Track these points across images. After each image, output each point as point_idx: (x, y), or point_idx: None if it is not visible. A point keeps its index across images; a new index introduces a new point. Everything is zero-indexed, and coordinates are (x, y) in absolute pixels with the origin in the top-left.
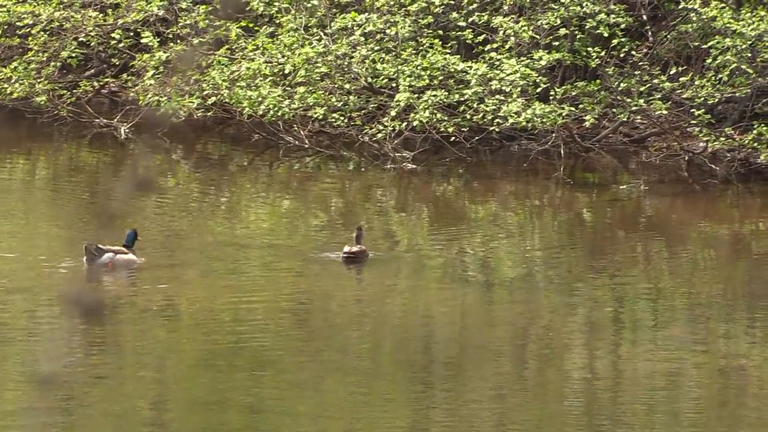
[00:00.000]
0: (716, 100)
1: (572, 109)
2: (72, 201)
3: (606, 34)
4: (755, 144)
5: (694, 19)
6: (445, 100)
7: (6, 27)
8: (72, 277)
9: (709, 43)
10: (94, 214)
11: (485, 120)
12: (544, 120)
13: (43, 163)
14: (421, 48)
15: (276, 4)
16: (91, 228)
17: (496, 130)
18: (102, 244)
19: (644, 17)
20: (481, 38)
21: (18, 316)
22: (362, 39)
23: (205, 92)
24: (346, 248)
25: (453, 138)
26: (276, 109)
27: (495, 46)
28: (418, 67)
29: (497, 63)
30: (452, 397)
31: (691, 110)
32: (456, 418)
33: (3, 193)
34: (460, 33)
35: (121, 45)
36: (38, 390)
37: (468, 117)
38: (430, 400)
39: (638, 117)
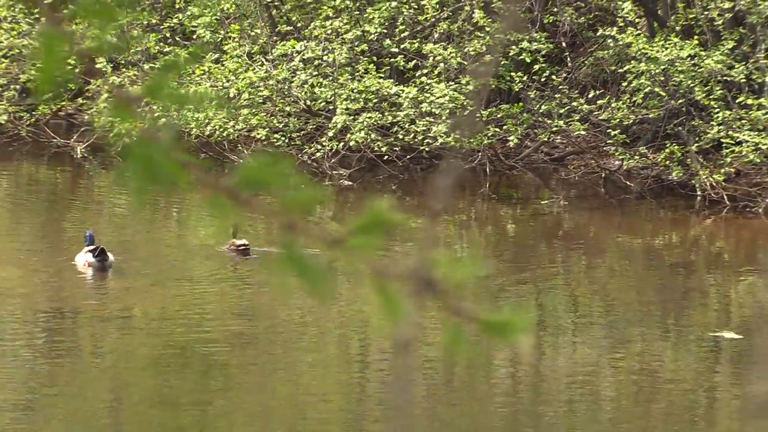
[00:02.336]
0: (631, 121)
1: (497, 129)
2: (30, 214)
3: (528, 60)
4: (667, 162)
5: (611, 45)
6: (379, 121)
7: None
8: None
9: (625, 68)
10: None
11: (416, 140)
12: (471, 140)
13: (5, 179)
14: (356, 73)
15: (221, 32)
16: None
17: (426, 149)
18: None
19: (564, 44)
20: (412, 64)
21: None
22: (301, 65)
23: (156, 114)
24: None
25: (386, 157)
26: (221, 129)
27: (425, 71)
28: (354, 91)
29: (427, 87)
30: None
31: (608, 131)
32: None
33: None
34: (392, 59)
35: (76, 70)
36: None
37: (400, 137)
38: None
39: (558, 137)
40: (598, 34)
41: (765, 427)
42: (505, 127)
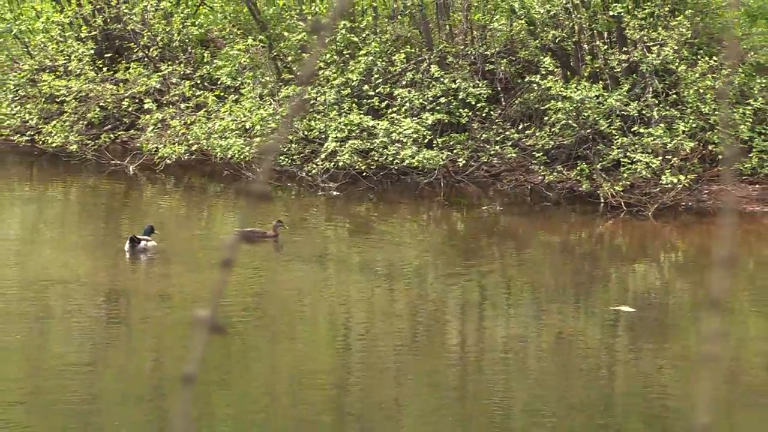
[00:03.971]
0: (550, 146)
1: (449, 153)
2: (93, 216)
3: (473, 101)
4: (578, 177)
5: (535, 88)
6: (360, 147)
7: (48, 96)
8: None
9: (546, 106)
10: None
11: (388, 161)
12: (430, 161)
13: (76, 189)
14: (342, 110)
15: (239, 79)
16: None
17: (395, 168)
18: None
19: (499, 88)
20: (384, 104)
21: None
22: (301, 103)
23: (190, 142)
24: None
25: (365, 173)
26: (240, 153)
27: (395, 109)
28: (341, 124)
29: (397, 121)
30: (366, 358)
31: (533, 153)
32: (369, 371)
33: (55, 207)
34: (370, 100)
35: (129, 108)
36: None
37: (376, 158)
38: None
39: (495, 159)
40: (525, 80)
41: None
42: (455, 151)
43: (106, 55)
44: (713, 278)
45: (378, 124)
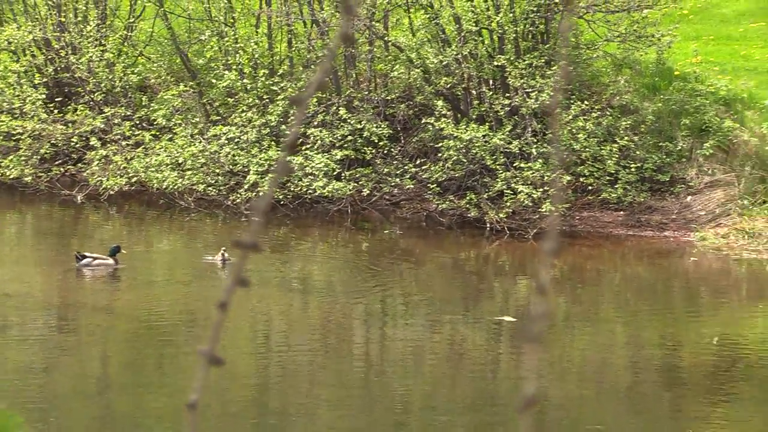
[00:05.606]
0: (443, 178)
1: (355, 184)
2: (46, 238)
3: (376, 140)
4: (467, 205)
5: (430, 129)
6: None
7: (5, 134)
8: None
9: (439, 144)
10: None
11: (302, 191)
12: (338, 191)
13: (30, 216)
14: (263, 147)
15: (173, 120)
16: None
17: (309, 197)
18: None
19: (399, 128)
20: (300, 141)
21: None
22: (226, 141)
23: (130, 174)
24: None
25: (282, 202)
26: (173, 184)
27: (308, 146)
28: (261, 159)
29: (310, 156)
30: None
31: (428, 185)
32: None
33: (12, 230)
34: (285, 138)
35: (77, 145)
36: None
37: (292, 189)
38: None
39: (395, 189)
40: (421, 121)
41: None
42: (360, 182)
43: (56, 99)
44: (540, 269)
45: (294, 159)
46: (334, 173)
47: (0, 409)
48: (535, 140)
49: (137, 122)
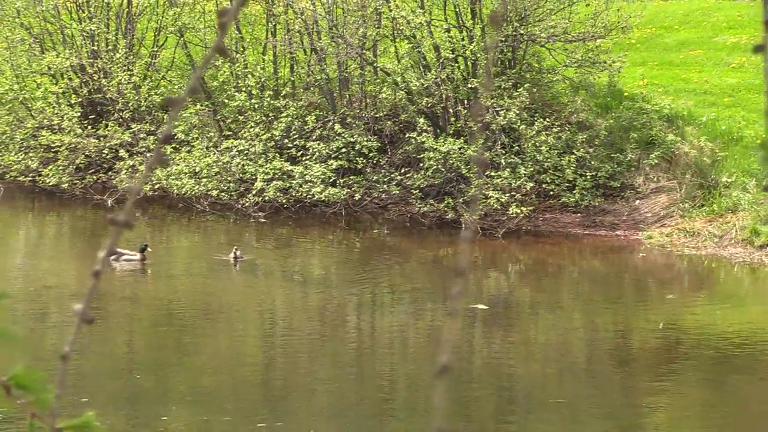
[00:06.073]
0: (425, 185)
1: (348, 190)
2: (80, 237)
3: (366, 152)
4: (445, 208)
5: (413, 142)
6: (281, 185)
7: (46, 147)
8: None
9: (421, 155)
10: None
11: (303, 196)
12: (333, 196)
13: (67, 218)
14: (268, 158)
15: (190, 134)
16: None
17: (308, 201)
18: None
19: (386, 141)
20: (300, 153)
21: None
22: (237, 153)
23: (153, 182)
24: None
25: (285, 205)
26: (191, 190)
27: (308, 157)
28: (267, 168)
29: (309, 166)
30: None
31: (412, 190)
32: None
33: (51, 230)
34: (288, 150)
35: (108, 156)
36: None
37: (294, 194)
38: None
39: (383, 194)
40: (406, 136)
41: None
42: (353, 188)
43: (90, 117)
44: (460, 254)
45: (295, 168)
46: (330, 180)
47: (26, 367)
48: (504, 152)
49: (160, 136)
